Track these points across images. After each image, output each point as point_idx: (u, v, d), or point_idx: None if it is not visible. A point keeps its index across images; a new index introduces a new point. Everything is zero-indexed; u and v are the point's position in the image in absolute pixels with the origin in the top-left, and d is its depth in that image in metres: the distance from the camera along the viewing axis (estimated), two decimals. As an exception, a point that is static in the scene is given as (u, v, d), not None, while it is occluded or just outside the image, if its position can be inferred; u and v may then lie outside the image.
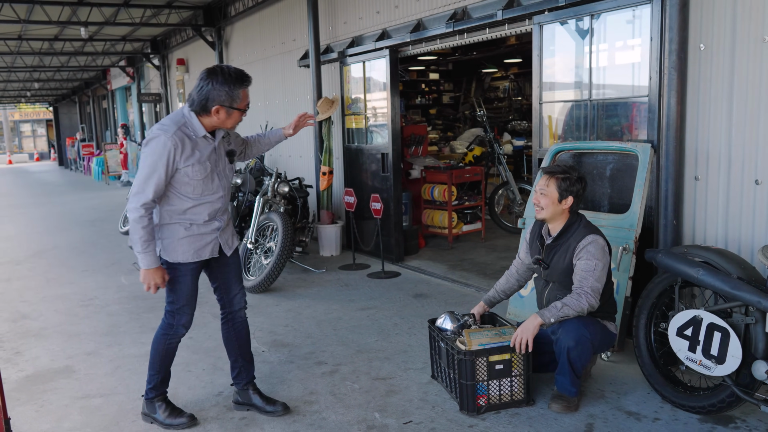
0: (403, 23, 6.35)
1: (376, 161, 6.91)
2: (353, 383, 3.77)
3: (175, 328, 3.30)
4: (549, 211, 3.39)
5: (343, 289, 5.87)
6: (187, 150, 3.03)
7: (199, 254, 3.21)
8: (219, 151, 3.20)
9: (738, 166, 3.66)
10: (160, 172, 2.99)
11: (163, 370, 3.36)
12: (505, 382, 3.31)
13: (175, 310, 3.28)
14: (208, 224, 3.20)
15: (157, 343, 3.33)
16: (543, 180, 3.41)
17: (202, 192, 3.13)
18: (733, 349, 2.93)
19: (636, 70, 4.20)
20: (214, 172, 3.16)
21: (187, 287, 3.24)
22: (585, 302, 3.18)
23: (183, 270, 3.20)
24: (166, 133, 2.99)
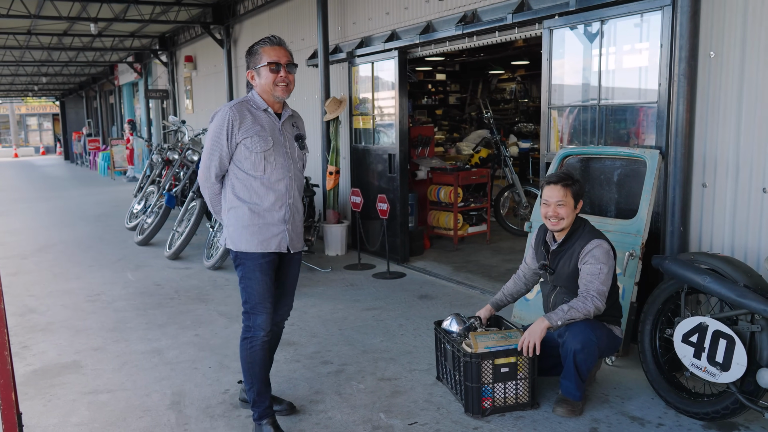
0: (412, 25, 6.37)
1: (383, 162, 6.94)
2: (359, 383, 3.80)
3: (252, 330, 3.12)
4: (569, 220, 3.39)
5: (348, 289, 5.90)
6: (247, 122, 3.03)
7: (264, 245, 3.09)
8: (285, 132, 3.15)
9: (746, 173, 3.67)
10: (222, 143, 3.02)
11: (257, 381, 3.14)
12: (510, 385, 3.33)
13: (249, 310, 3.12)
14: (275, 212, 3.10)
15: (241, 351, 3.17)
16: (559, 191, 3.37)
17: (265, 169, 3.06)
18: (738, 357, 2.94)
19: (645, 76, 4.21)
20: (279, 151, 3.09)
21: (258, 283, 3.08)
22: (591, 305, 3.20)
23: (251, 263, 3.08)
24: (227, 107, 3.05)
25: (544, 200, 3.43)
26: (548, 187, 3.44)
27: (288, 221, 3.17)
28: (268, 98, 3.11)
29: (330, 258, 7.21)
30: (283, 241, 3.16)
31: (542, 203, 3.46)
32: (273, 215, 3.12)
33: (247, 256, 3.11)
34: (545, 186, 3.47)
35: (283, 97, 3.11)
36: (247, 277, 3.11)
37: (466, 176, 7.50)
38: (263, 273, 3.11)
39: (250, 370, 3.16)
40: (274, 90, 3.06)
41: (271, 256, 3.14)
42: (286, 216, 3.15)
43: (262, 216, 3.10)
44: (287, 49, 3.14)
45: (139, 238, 8.25)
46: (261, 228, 3.10)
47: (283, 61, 3.06)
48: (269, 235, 3.12)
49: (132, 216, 9.49)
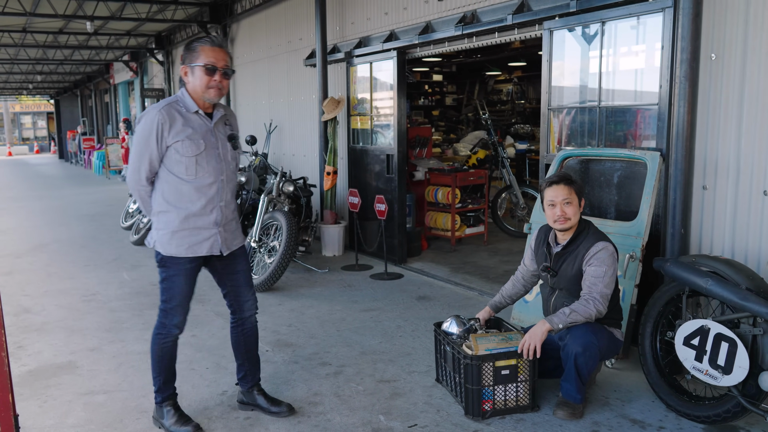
0: (411, 25, 6.35)
1: (381, 162, 6.91)
2: (357, 385, 3.77)
3: (167, 327, 3.18)
4: (576, 219, 3.38)
5: (346, 290, 5.87)
6: (177, 125, 2.96)
7: (194, 250, 3.07)
8: (217, 133, 3.10)
9: (747, 176, 3.66)
10: (152, 147, 2.95)
11: (164, 371, 3.25)
12: (510, 387, 3.32)
13: (168, 309, 3.16)
14: (206, 216, 3.07)
15: (152, 343, 3.24)
16: (563, 190, 3.35)
17: (197, 173, 3.01)
18: (740, 360, 2.93)
19: (645, 78, 4.21)
20: (211, 153, 3.04)
21: (181, 287, 3.12)
22: (593, 308, 3.19)
23: (177, 267, 3.08)
24: (155, 109, 2.98)
25: (550, 201, 3.40)
26: (551, 187, 3.41)
27: (220, 224, 3.15)
28: (198, 99, 3.04)
29: (327, 259, 7.18)
30: (215, 245, 3.14)
31: (548, 205, 3.42)
32: (204, 219, 3.09)
33: (174, 261, 3.10)
34: (548, 187, 3.44)
35: (215, 100, 3.04)
36: (171, 279, 3.13)
37: (463, 177, 7.49)
38: (187, 277, 3.14)
39: (160, 362, 3.23)
40: (206, 92, 2.99)
41: (198, 260, 3.16)
42: (217, 219, 3.13)
43: (192, 220, 3.07)
44: (227, 51, 3.09)
45: (134, 237, 8.19)
46: (191, 232, 3.08)
47: (220, 64, 2.99)
48: (200, 239, 3.10)
49: (127, 215, 9.42)
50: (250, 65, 10.12)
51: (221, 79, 3.00)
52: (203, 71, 2.97)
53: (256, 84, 9.97)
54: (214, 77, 2.98)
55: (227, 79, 3.04)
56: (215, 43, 3.01)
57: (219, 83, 2.99)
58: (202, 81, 2.98)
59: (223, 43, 3.08)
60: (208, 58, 2.97)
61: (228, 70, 3.04)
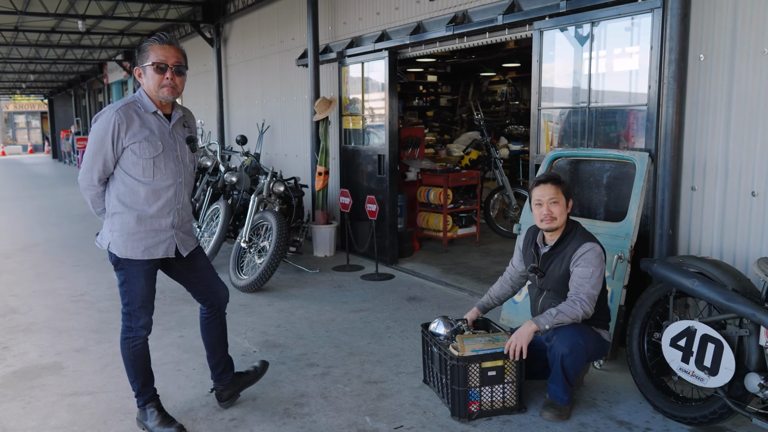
0: (403, 25, 6.33)
1: (373, 162, 6.89)
2: (344, 386, 3.75)
3: (134, 330, 3.14)
4: (562, 219, 3.37)
5: (336, 291, 5.84)
6: (134, 126, 2.91)
7: (150, 252, 3.03)
8: (175, 135, 3.06)
9: (735, 177, 3.66)
10: (107, 148, 2.90)
11: (140, 374, 3.21)
12: (497, 388, 3.30)
13: (131, 312, 3.11)
14: (163, 218, 3.04)
15: (122, 349, 3.19)
16: (550, 189, 3.35)
17: (154, 175, 2.97)
18: (726, 361, 2.92)
19: (635, 79, 4.20)
20: (168, 155, 3.00)
21: (141, 289, 3.07)
22: (580, 309, 3.17)
23: (135, 270, 3.03)
24: (112, 109, 2.92)
25: (536, 200, 3.40)
26: (539, 186, 3.41)
27: (176, 226, 3.12)
28: (156, 99, 3.00)
29: (318, 259, 7.16)
30: (171, 247, 3.11)
31: (534, 204, 3.42)
32: (160, 221, 3.05)
33: (131, 263, 3.06)
34: (535, 187, 3.44)
35: (170, 98, 2.99)
36: (130, 282, 3.08)
37: (455, 178, 7.47)
38: (147, 278, 3.09)
39: (134, 365, 3.19)
40: (160, 91, 2.95)
41: (156, 262, 3.13)
42: (174, 221, 3.11)
43: (149, 222, 3.02)
44: (179, 49, 3.03)
45: (125, 237, 8.14)
46: (147, 234, 3.03)
47: (170, 62, 2.94)
48: (156, 242, 3.06)
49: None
50: (242, 65, 10.09)
51: (173, 77, 2.95)
52: (154, 70, 2.93)
53: (249, 84, 9.94)
54: (165, 75, 2.93)
55: (180, 77, 2.99)
56: (164, 41, 2.97)
57: (171, 81, 2.95)
58: (154, 80, 2.94)
59: (173, 41, 3.02)
60: (158, 56, 2.93)
61: (181, 67, 2.98)
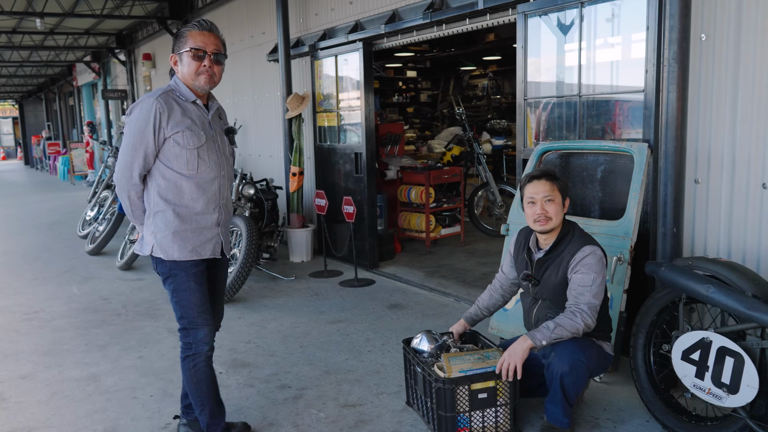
0: (377, 14, 5.94)
1: (350, 161, 6.50)
2: (319, 411, 3.36)
3: (194, 346, 2.83)
4: (558, 219, 2.99)
5: (312, 300, 5.45)
6: (176, 115, 2.68)
7: (198, 251, 2.78)
8: (215, 126, 2.85)
9: (743, 168, 3.32)
10: (148, 139, 2.65)
11: (207, 401, 2.87)
12: (489, 412, 2.92)
13: (187, 326, 2.82)
14: (208, 214, 2.80)
15: (184, 371, 2.88)
16: (545, 186, 2.98)
17: (198, 168, 2.73)
18: (748, 378, 2.57)
19: (630, 62, 3.85)
20: (211, 146, 2.78)
21: (194, 295, 2.79)
22: (581, 322, 2.81)
23: (183, 274, 2.76)
24: (151, 97, 2.68)
25: (530, 198, 3.02)
26: (532, 183, 3.03)
27: (221, 224, 2.88)
28: (192, 88, 2.76)
29: (295, 265, 6.75)
30: (217, 246, 2.89)
31: (527, 203, 3.04)
32: (206, 218, 2.81)
33: (179, 266, 2.77)
34: (528, 183, 3.05)
35: (207, 87, 2.78)
36: (182, 289, 2.79)
37: (437, 175, 7.10)
38: (198, 283, 2.81)
39: (198, 390, 2.87)
40: (196, 79, 2.73)
41: (204, 264, 2.84)
42: (219, 219, 2.87)
43: (195, 219, 2.79)
44: (219, 36, 2.80)
45: (89, 247, 7.69)
46: (194, 233, 2.78)
47: (209, 48, 2.73)
48: (203, 240, 2.81)
49: (85, 223, 8.89)
50: (212, 62, 9.63)
51: (211, 65, 2.73)
52: (191, 56, 2.71)
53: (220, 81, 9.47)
54: (203, 63, 2.71)
55: (219, 65, 2.77)
56: (204, 27, 2.75)
57: (209, 69, 2.73)
58: (191, 67, 2.71)
59: (214, 28, 2.78)
60: (196, 42, 2.71)
61: (220, 55, 2.77)
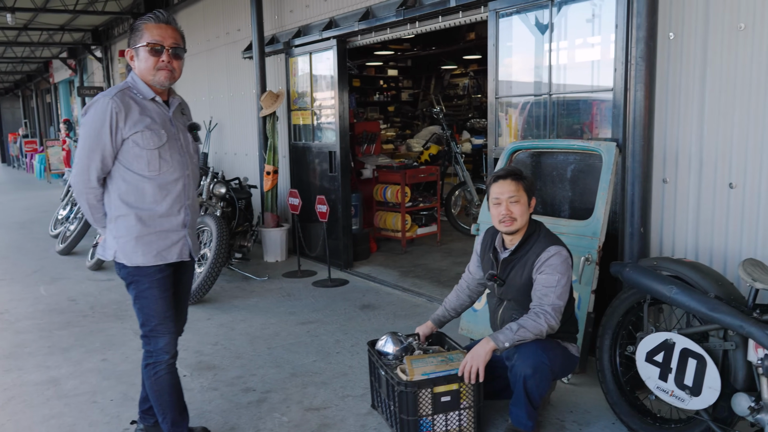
0: (352, 11, 5.87)
1: (324, 160, 6.42)
2: (282, 415, 3.29)
3: (155, 354, 2.74)
4: (523, 220, 2.95)
5: (284, 300, 5.37)
6: (134, 114, 2.56)
7: (163, 256, 2.68)
8: (177, 123, 2.73)
9: (710, 167, 3.30)
10: (105, 141, 2.54)
11: (169, 410, 2.78)
12: (452, 416, 2.88)
13: (148, 333, 2.72)
14: (173, 216, 2.70)
15: (145, 379, 2.79)
16: (510, 186, 2.93)
17: (160, 168, 2.63)
18: (710, 380, 2.55)
19: (600, 61, 3.82)
20: (173, 145, 2.67)
21: (157, 302, 2.69)
22: (544, 324, 2.77)
23: (146, 280, 2.66)
24: (106, 96, 2.56)
25: (495, 198, 2.98)
26: (497, 183, 2.99)
27: (188, 225, 2.77)
28: (150, 84, 2.64)
29: (269, 265, 6.66)
30: (185, 249, 2.77)
31: (492, 203, 3.00)
32: (171, 221, 2.70)
33: (142, 272, 2.67)
34: (493, 183, 3.02)
35: (167, 83, 2.65)
36: (144, 296, 2.69)
37: (413, 174, 7.05)
38: (162, 290, 2.71)
39: (159, 398, 2.78)
40: (155, 75, 2.61)
41: (169, 269, 2.73)
42: (185, 220, 2.75)
43: (158, 222, 2.68)
44: (177, 29, 2.67)
45: (60, 246, 7.54)
46: (158, 236, 2.68)
47: (167, 42, 2.60)
48: (168, 244, 2.70)
49: (57, 222, 8.72)
50: (188, 59, 9.39)
51: (170, 60, 2.61)
52: (148, 51, 2.58)
53: (196, 79, 9.36)
54: (161, 58, 2.59)
55: (178, 60, 2.65)
56: (161, 20, 2.62)
57: (168, 64, 2.60)
58: (148, 63, 2.59)
59: (171, 20, 2.65)
60: (153, 36, 2.58)
61: (178, 49, 2.64)
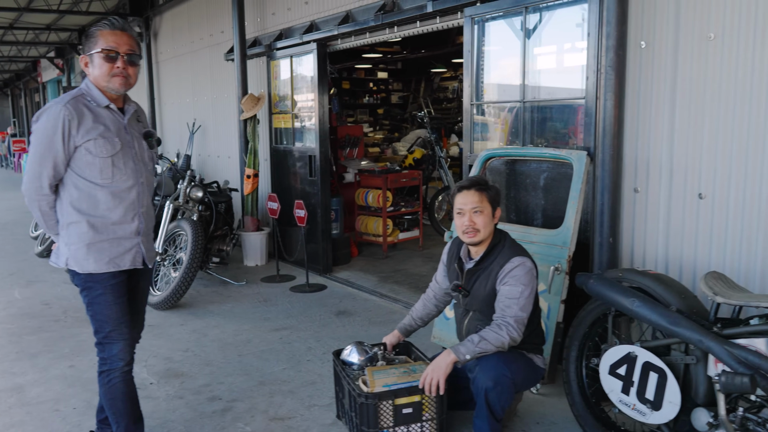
0: (332, 15, 5.84)
1: (305, 164, 6.38)
2: (245, 425, 3.24)
3: (109, 362, 2.70)
4: (487, 231, 2.92)
5: (260, 306, 5.32)
6: (87, 122, 2.54)
7: (116, 263, 2.65)
8: (132, 131, 2.70)
9: (680, 177, 3.28)
10: (57, 148, 2.51)
11: (122, 418, 2.75)
12: (414, 428, 2.84)
13: (102, 340, 2.69)
14: (127, 224, 2.67)
15: (99, 386, 2.76)
16: (473, 197, 2.91)
17: (113, 177, 2.60)
18: (670, 394, 2.52)
19: (573, 70, 3.79)
20: (127, 153, 2.65)
21: (110, 308, 2.65)
22: (506, 336, 2.73)
23: (99, 286, 2.63)
24: (59, 103, 2.52)
25: (458, 209, 2.96)
26: (461, 193, 2.97)
27: (141, 233, 2.74)
28: (106, 91, 2.62)
29: (249, 269, 6.61)
30: (138, 257, 2.74)
31: (456, 213, 2.98)
32: (124, 228, 2.68)
33: (94, 279, 2.64)
34: (457, 193, 2.99)
35: (122, 90, 2.62)
36: (97, 302, 2.66)
37: (395, 179, 7.02)
38: (116, 296, 2.68)
39: (113, 406, 2.75)
40: (110, 82, 2.59)
41: (123, 275, 2.70)
42: (139, 228, 2.73)
43: (111, 230, 2.65)
44: (132, 35, 2.64)
45: (39, 249, 7.47)
46: (111, 244, 2.65)
47: (122, 49, 2.57)
48: (121, 251, 2.68)
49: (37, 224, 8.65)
50: (173, 60, 9.45)
51: (125, 66, 2.59)
52: (103, 58, 2.56)
53: (180, 81, 9.31)
54: (116, 64, 2.57)
55: (134, 66, 2.63)
56: (116, 26, 2.59)
57: (123, 70, 2.58)
58: (103, 69, 2.57)
59: (126, 26, 2.62)
60: (108, 42, 2.56)
61: (134, 56, 2.62)
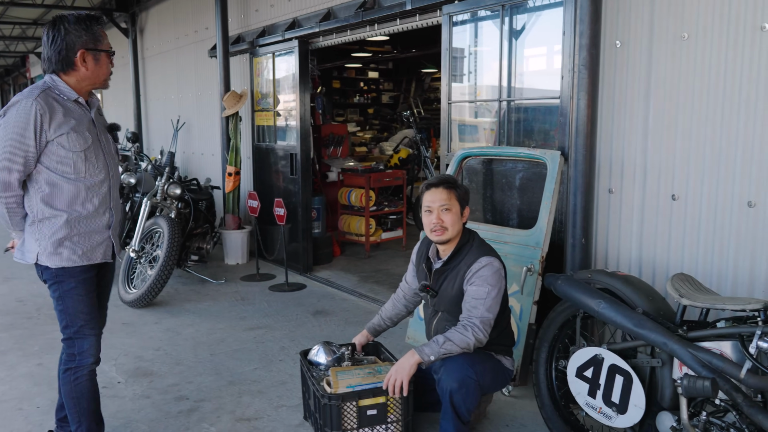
0: (314, 12, 5.79)
1: (287, 162, 6.32)
2: (211, 426, 3.19)
3: (77, 359, 2.66)
4: (455, 229, 2.88)
5: (237, 304, 5.26)
6: (58, 116, 2.49)
7: (88, 256, 2.64)
8: (98, 125, 2.69)
9: (654, 178, 3.25)
10: (28, 143, 2.46)
11: (85, 417, 2.70)
12: (379, 430, 2.79)
13: (72, 335, 2.65)
14: (99, 218, 2.66)
15: (63, 384, 2.70)
16: (442, 194, 2.87)
17: (86, 171, 2.58)
18: (635, 397, 2.48)
19: (549, 69, 3.76)
20: (97, 147, 2.64)
21: (82, 302, 2.63)
22: (471, 337, 2.69)
23: (72, 281, 2.61)
24: (29, 97, 2.47)
25: (427, 207, 2.91)
26: (429, 191, 2.92)
27: (112, 226, 2.73)
28: (83, 87, 2.60)
29: (229, 267, 6.55)
30: (108, 250, 2.74)
31: (424, 211, 2.93)
32: (96, 222, 2.66)
33: (67, 272, 2.61)
34: (426, 191, 2.95)
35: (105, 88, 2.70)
36: (69, 296, 2.63)
37: (378, 178, 6.97)
38: (87, 290, 2.66)
39: (77, 405, 2.70)
40: (105, 82, 2.65)
41: (94, 270, 2.68)
42: (110, 221, 2.72)
43: (84, 224, 2.63)
44: None
45: (18, 245, 7.36)
46: (84, 237, 2.63)
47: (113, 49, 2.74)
48: (93, 245, 2.66)
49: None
50: (158, 57, 9.37)
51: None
52: (108, 59, 2.64)
53: (166, 78, 9.23)
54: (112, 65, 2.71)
55: None
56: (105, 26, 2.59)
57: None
58: (106, 69, 2.64)
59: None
60: (107, 44, 2.65)
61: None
